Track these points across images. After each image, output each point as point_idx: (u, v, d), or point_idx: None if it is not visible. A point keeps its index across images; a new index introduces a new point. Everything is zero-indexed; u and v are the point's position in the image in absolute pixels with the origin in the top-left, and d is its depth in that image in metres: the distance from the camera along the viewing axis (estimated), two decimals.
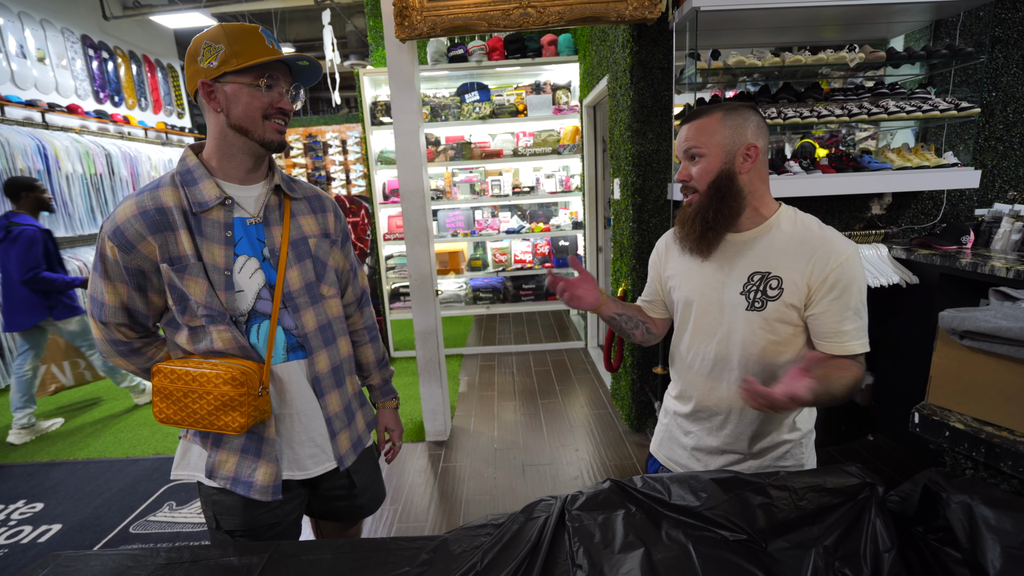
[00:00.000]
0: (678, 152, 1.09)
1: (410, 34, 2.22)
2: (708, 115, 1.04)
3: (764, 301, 1.02)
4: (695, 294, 1.12)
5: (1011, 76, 2.51)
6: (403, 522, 2.21)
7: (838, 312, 0.98)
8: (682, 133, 1.07)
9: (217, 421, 0.93)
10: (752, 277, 1.04)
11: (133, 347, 1.02)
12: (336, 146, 7.76)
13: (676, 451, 1.21)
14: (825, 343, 1.01)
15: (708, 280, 1.10)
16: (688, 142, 1.05)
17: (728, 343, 1.07)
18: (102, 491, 2.50)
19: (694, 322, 1.13)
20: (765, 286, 1.02)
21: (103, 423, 3.34)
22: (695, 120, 1.05)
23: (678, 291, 1.16)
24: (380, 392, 1.31)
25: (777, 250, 1.03)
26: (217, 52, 0.90)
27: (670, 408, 1.25)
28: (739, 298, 1.05)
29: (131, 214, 0.91)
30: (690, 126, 1.06)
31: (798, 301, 1.00)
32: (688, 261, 1.14)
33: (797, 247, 1.01)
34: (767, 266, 1.03)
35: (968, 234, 2.29)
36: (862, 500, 0.72)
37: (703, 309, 1.11)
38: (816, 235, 1.01)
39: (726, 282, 1.07)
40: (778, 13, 2.21)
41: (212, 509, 1.04)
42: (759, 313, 1.03)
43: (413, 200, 2.63)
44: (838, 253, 0.98)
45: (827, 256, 0.98)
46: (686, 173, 1.07)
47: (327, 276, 1.10)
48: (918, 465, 2.34)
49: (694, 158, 1.05)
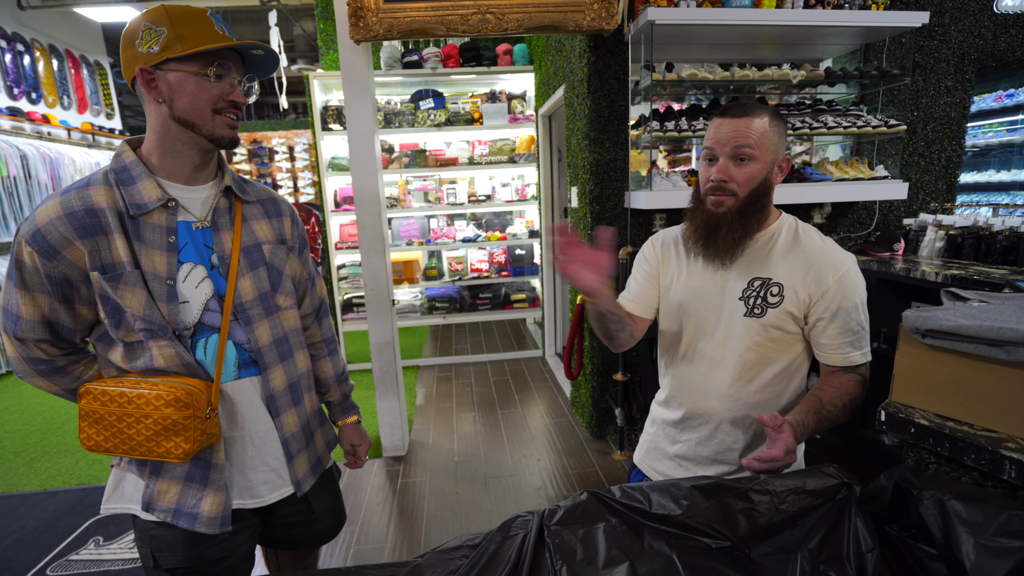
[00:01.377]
0: (718, 147, 0.97)
1: (365, 35, 2.16)
2: (760, 115, 0.95)
3: (764, 307, 1.00)
4: (691, 297, 1.07)
5: (929, 98, 2.74)
6: (361, 544, 2.10)
7: (838, 323, 0.97)
8: (728, 128, 0.96)
9: (157, 448, 0.83)
10: (752, 283, 1.02)
11: (56, 366, 0.90)
12: (283, 152, 7.46)
13: (662, 461, 1.17)
14: (825, 354, 1.00)
15: (706, 283, 1.06)
16: (740, 140, 0.95)
17: (724, 348, 1.04)
18: (13, 530, 2.23)
19: (689, 326, 1.08)
20: (766, 292, 1.00)
21: (16, 452, 3.00)
22: (747, 117, 0.95)
23: (673, 293, 1.11)
24: (341, 408, 1.23)
25: (778, 257, 1.01)
26: (159, 35, 0.81)
27: (657, 416, 1.21)
28: (738, 303, 1.02)
29: (55, 215, 0.80)
30: (742, 122, 0.95)
31: (797, 310, 0.99)
32: (685, 262, 1.09)
33: (798, 256, 1.00)
34: (768, 272, 1.01)
35: (899, 241, 2.46)
36: (840, 500, 0.72)
37: (699, 313, 1.07)
38: (817, 246, 1.01)
39: (725, 287, 1.04)
40: (724, 30, 2.31)
41: (150, 545, 0.93)
42: (758, 319, 1.00)
43: (368, 207, 2.54)
44: (838, 264, 0.98)
45: (828, 267, 0.97)
46: (726, 173, 0.97)
47: (283, 285, 1.02)
48: (863, 460, 2.47)
49: (741, 159, 0.96)
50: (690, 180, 2.45)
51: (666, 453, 1.16)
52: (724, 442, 1.07)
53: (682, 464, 1.12)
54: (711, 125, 1.00)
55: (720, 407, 1.06)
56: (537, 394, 3.59)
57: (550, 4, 2.21)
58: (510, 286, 4.58)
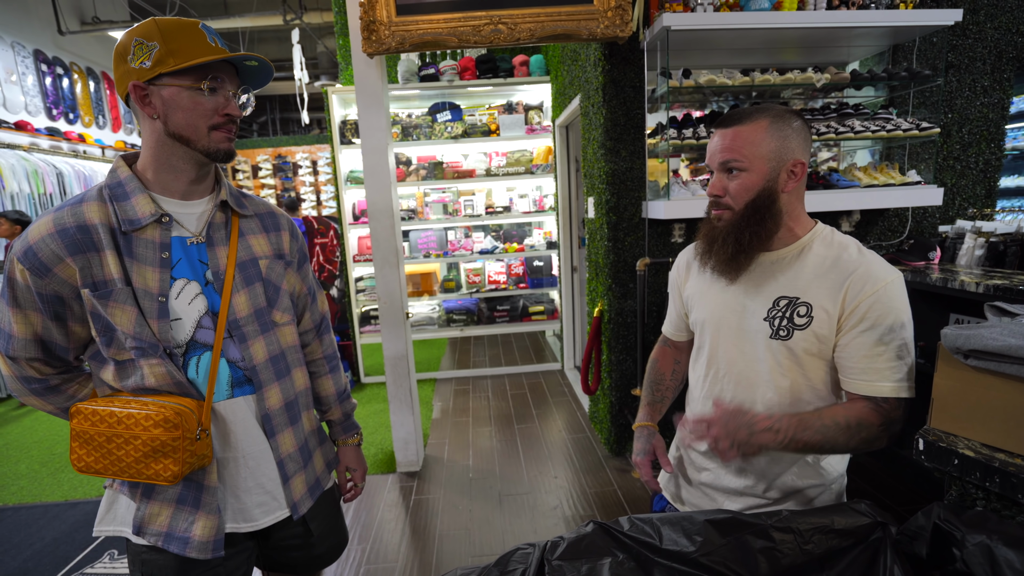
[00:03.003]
0: (710, 161, 0.94)
1: (378, 49, 2.16)
2: (752, 121, 0.89)
3: (790, 329, 0.90)
4: (712, 317, 1.01)
5: (964, 99, 2.61)
6: (372, 563, 2.05)
7: (868, 345, 0.85)
8: (716, 140, 0.92)
9: (146, 470, 0.81)
10: (778, 302, 0.92)
11: (50, 384, 0.89)
12: (307, 166, 7.63)
13: (687, 489, 1.09)
14: (848, 379, 0.88)
15: (728, 302, 0.99)
16: (725, 153, 0.90)
17: (751, 374, 0.96)
18: (33, 541, 2.26)
19: (710, 348, 1.02)
20: (792, 312, 0.91)
21: (41, 462, 3.06)
22: (735, 126, 0.90)
23: (695, 312, 1.06)
24: (341, 428, 1.20)
25: (808, 273, 0.91)
26: (151, 50, 0.79)
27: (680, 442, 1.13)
28: (762, 324, 0.93)
29: (47, 232, 0.79)
30: (727, 133, 0.90)
31: (828, 332, 0.88)
32: (708, 279, 1.04)
33: (830, 270, 0.89)
34: (796, 290, 0.91)
35: (935, 250, 2.33)
36: (874, 542, 0.65)
37: (720, 334, 1.00)
38: (853, 258, 0.89)
39: (749, 306, 0.96)
40: (744, 34, 2.24)
41: (141, 570, 0.90)
42: (784, 342, 0.91)
43: (382, 220, 2.53)
44: (876, 279, 0.85)
45: (863, 281, 0.86)
46: (719, 187, 0.93)
47: (280, 301, 1.00)
48: (902, 485, 2.32)
49: (731, 171, 0.91)
50: None
51: (692, 480, 1.08)
52: (755, 472, 0.98)
53: (708, 493, 1.05)
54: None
55: None
56: (555, 408, 3.51)
57: (563, 13, 2.18)
58: (528, 298, 4.53)
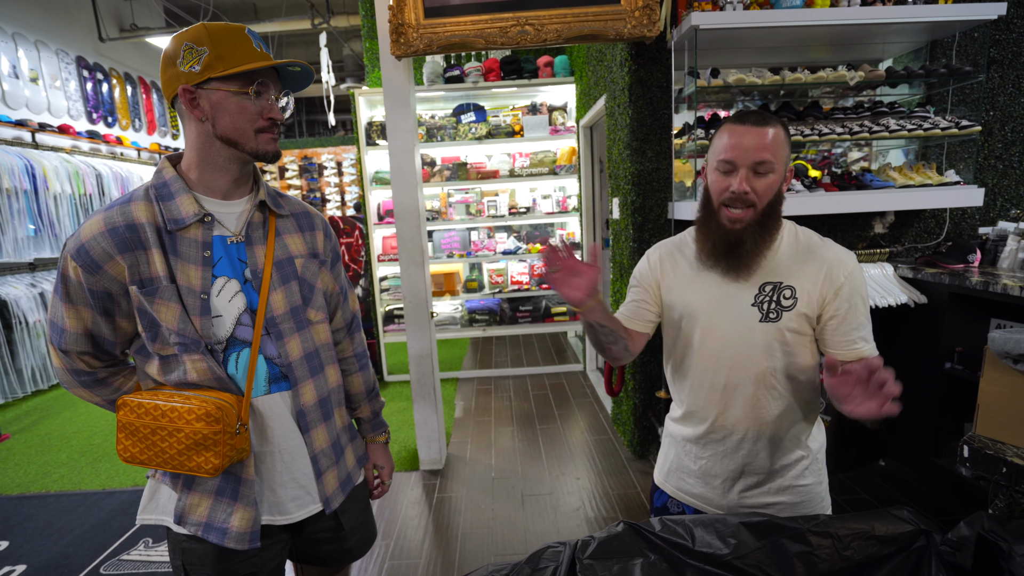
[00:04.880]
0: (738, 158, 0.96)
1: (406, 51, 2.19)
2: (776, 124, 0.96)
3: (779, 311, 1.00)
4: (701, 308, 1.06)
5: (1007, 96, 2.51)
6: (395, 559, 2.08)
7: (852, 319, 0.99)
8: (750, 138, 0.94)
9: (188, 462, 0.84)
10: (764, 288, 1.02)
11: (97, 377, 0.93)
12: (332, 168, 7.75)
13: (686, 480, 1.15)
14: (837, 351, 1.01)
15: (715, 292, 1.05)
16: (762, 152, 0.94)
17: (743, 357, 1.02)
18: (73, 527, 2.35)
19: (701, 337, 1.06)
20: (779, 296, 1.01)
21: (81, 452, 3.18)
22: (767, 126, 0.95)
23: (680, 305, 1.09)
24: (370, 425, 1.22)
25: (786, 260, 1.02)
26: (200, 55, 0.82)
27: (676, 434, 1.17)
28: (751, 310, 1.02)
29: (98, 231, 0.83)
30: (762, 132, 0.94)
31: (811, 311, 1.00)
32: (691, 273, 1.08)
33: (805, 256, 1.02)
34: (778, 276, 1.01)
35: (975, 252, 2.25)
36: (917, 550, 0.63)
37: (711, 323, 1.05)
38: (820, 244, 1.03)
39: (736, 294, 1.03)
40: (774, 32, 2.20)
41: (181, 558, 0.93)
42: (774, 324, 1.00)
43: (408, 219, 2.56)
44: (846, 262, 1.01)
45: (837, 265, 1.00)
46: (746, 185, 0.96)
47: (315, 300, 1.02)
48: (934, 492, 2.25)
49: (759, 172, 0.96)
50: None
51: (690, 471, 1.13)
52: (751, 451, 1.05)
53: (708, 481, 1.10)
54: (727, 133, 0.98)
55: (744, 417, 1.04)
56: (577, 410, 3.50)
57: (590, 13, 2.18)
58: (551, 299, 4.53)
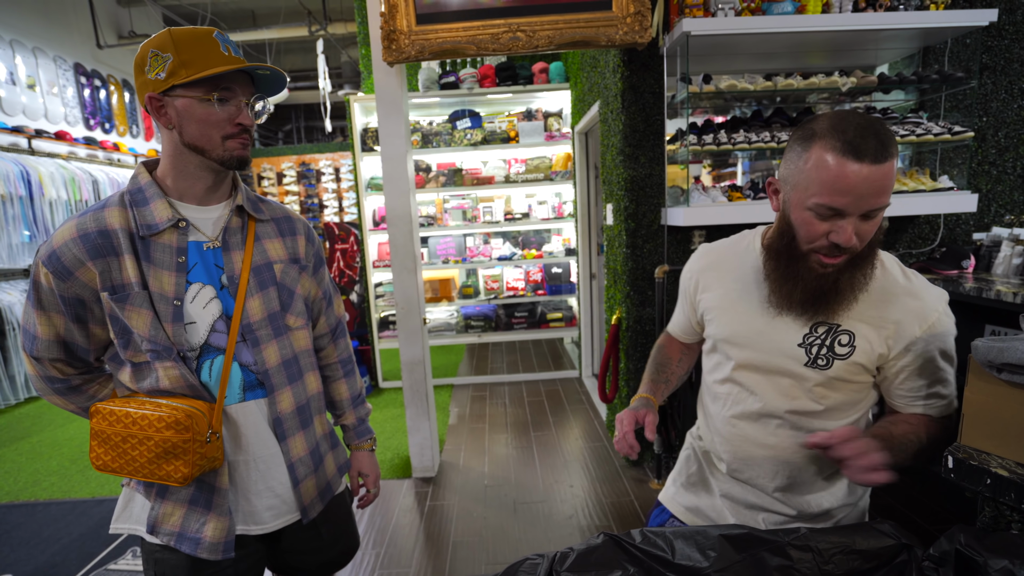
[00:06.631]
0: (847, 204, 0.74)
1: (397, 57, 2.19)
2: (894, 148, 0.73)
3: (830, 359, 0.85)
4: (740, 338, 0.93)
5: (1000, 101, 2.51)
6: (385, 568, 2.05)
7: (923, 374, 0.83)
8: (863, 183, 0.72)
9: (158, 471, 0.82)
10: (816, 328, 0.86)
11: (71, 384, 0.91)
12: (329, 174, 7.77)
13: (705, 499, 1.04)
14: (899, 403, 0.88)
15: (760, 324, 0.90)
16: (880, 198, 0.73)
17: (778, 398, 0.90)
18: (61, 536, 2.32)
19: (735, 368, 0.95)
20: (833, 341, 0.85)
21: (72, 460, 3.16)
22: (887, 160, 0.72)
23: (717, 329, 0.98)
24: (355, 432, 1.20)
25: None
26: (165, 62, 0.81)
27: (697, 451, 1.09)
28: (797, 351, 0.87)
29: (69, 237, 0.82)
30: (883, 172, 0.72)
31: (870, 362, 0.85)
32: (733, 295, 0.95)
33: (876, 298, 0.84)
34: (836, 317, 0.84)
35: (968, 258, 2.24)
36: (899, 565, 0.62)
37: (748, 356, 0.93)
38: (901, 285, 0.85)
39: (783, 328, 0.88)
40: (767, 39, 2.20)
41: (154, 569, 0.91)
42: (822, 372, 0.86)
43: (400, 226, 2.56)
44: (927, 311, 0.82)
45: (914, 315, 0.82)
46: (855, 239, 0.76)
47: (294, 306, 1.01)
48: (931, 500, 2.22)
49: (872, 216, 0.76)
50: (731, 196, 2.33)
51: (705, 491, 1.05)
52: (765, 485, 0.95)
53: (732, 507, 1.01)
54: (832, 168, 0.73)
55: (768, 456, 0.94)
56: (572, 416, 3.48)
57: (581, 19, 2.18)
58: (546, 305, 4.51)
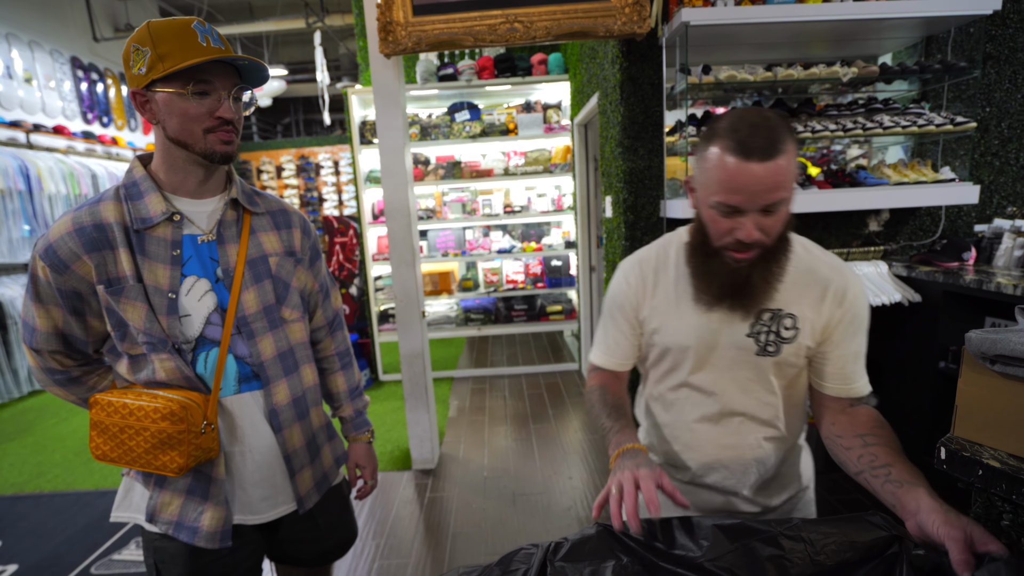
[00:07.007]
0: (746, 202, 0.76)
1: (394, 49, 2.18)
2: (788, 142, 0.74)
3: (778, 344, 0.87)
4: (693, 339, 0.91)
5: (1004, 92, 2.49)
6: (385, 558, 2.07)
7: (852, 350, 0.87)
8: (753, 180, 0.73)
9: (154, 461, 0.83)
10: (762, 315, 0.87)
11: (71, 376, 0.92)
12: (328, 167, 7.75)
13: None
14: (829, 383, 0.89)
15: (709, 322, 0.90)
16: (775, 193, 0.74)
17: (738, 394, 0.91)
18: (66, 527, 2.35)
19: (691, 371, 0.93)
20: (778, 326, 0.87)
21: (75, 452, 3.18)
22: (776, 158, 0.73)
23: (667, 336, 0.94)
24: (352, 424, 1.20)
25: (787, 283, 0.86)
26: (144, 56, 0.79)
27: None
28: (747, 341, 0.88)
29: (66, 231, 0.82)
30: (771, 167, 0.73)
31: (813, 341, 0.87)
32: (676, 298, 0.93)
33: (806, 278, 0.87)
34: (777, 302, 0.86)
35: (969, 250, 2.23)
36: (890, 556, 0.62)
37: (702, 356, 0.91)
38: (824, 263, 0.88)
39: (729, 322, 0.89)
40: (768, 29, 2.18)
41: (153, 556, 0.92)
42: (772, 359, 0.87)
43: (399, 219, 2.55)
44: (852, 285, 0.87)
45: (843, 289, 0.86)
46: (757, 233, 0.77)
47: (290, 298, 1.01)
48: None
49: (772, 210, 0.77)
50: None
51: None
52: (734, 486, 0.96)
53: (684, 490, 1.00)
54: (723, 168, 0.75)
55: (734, 456, 0.94)
56: (572, 409, 3.49)
57: (579, 10, 2.16)
58: (546, 297, 4.51)
